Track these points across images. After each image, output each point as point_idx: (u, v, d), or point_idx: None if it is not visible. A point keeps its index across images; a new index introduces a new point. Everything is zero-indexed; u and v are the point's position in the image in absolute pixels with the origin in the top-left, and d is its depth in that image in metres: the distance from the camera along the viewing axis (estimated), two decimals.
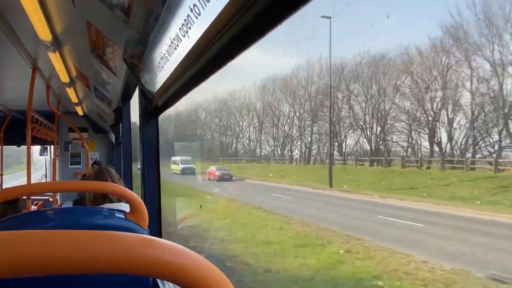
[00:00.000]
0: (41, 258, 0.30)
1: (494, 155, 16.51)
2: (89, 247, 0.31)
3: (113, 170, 2.01)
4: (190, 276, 0.33)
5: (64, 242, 0.31)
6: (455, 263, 8.51)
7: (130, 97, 3.70)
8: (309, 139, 26.46)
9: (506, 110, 16.49)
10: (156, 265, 0.32)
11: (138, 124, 2.51)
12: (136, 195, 1.13)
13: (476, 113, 17.57)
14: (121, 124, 4.50)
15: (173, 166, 27.50)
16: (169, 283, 1.50)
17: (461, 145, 18.00)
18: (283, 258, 9.67)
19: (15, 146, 7.57)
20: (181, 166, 26.95)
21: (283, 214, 13.80)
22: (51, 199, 6.32)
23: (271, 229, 12.16)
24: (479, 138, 17.32)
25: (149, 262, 0.32)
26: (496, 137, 16.90)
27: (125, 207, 1.50)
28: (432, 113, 19.60)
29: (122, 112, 3.99)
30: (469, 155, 17.28)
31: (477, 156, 17.17)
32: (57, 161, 7.02)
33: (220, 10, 0.94)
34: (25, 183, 3.10)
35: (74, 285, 0.98)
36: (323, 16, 18.35)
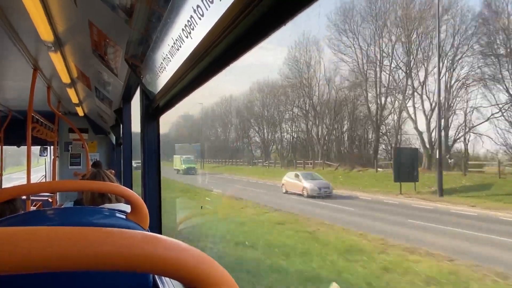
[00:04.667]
0: (43, 254, 0.29)
1: None
2: (92, 244, 0.31)
3: (113, 172, 2.00)
4: (193, 273, 0.33)
5: (67, 238, 0.31)
6: None
7: (131, 97, 3.70)
8: None
9: None
10: (160, 262, 0.32)
11: (139, 125, 2.51)
12: (137, 195, 1.13)
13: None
14: (121, 124, 4.49)
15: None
16: (167, 281, 1.49)
17: None
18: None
19: (15, 146, 7.55)
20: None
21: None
22: (50, 200, 6.30)
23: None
24: None
25: (152, 259, 0.32)
26: None
27: (125, 207, 1.50)
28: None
29: (123, 112, 3.98)
30: None
31: None
32: (57, 162, 7.00)
33: (223, 11, 0.93)
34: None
35: (74, 282, 0.97)
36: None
